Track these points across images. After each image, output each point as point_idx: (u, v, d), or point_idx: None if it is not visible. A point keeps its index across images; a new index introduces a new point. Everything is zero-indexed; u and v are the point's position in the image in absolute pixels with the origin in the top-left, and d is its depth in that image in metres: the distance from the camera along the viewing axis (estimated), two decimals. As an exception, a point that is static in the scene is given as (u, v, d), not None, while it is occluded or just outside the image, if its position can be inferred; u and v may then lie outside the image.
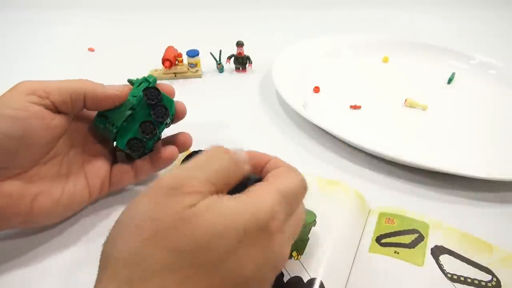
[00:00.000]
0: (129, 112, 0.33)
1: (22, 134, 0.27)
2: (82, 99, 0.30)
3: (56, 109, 0.29)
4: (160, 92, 0.34)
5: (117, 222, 0.21)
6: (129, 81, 0.35)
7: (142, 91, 0.34)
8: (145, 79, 0.35)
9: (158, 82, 0.36)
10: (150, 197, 0.21)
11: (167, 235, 0.19)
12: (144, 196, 0.21)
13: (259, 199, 0.21)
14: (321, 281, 0.28)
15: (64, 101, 0.29)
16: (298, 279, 0.28)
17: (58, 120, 0.29)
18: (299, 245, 0.31)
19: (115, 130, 0.33)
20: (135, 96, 0.34)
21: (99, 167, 0.34)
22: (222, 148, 0.24)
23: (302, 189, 0.25)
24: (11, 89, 0.28)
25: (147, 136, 0.34)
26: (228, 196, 0.21)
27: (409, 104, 0.54)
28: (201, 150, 0.33)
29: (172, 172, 0.22)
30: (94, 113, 0.34)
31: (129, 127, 0.34)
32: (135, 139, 0.34)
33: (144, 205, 0.20)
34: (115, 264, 0.19)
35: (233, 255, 0.20)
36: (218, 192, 0.22)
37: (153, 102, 0.34)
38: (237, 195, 0.22)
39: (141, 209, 0.20)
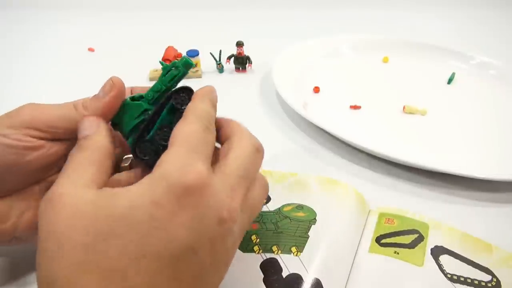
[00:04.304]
0: (136, 121, 0.28)
1: (15, 162, 0.25)
2: None
3: (57, 138, 0.27)
4: (191, 96, 0.29)
5: None
6: (161, 63, 0.30)
7: (172, 94, 0.28)
8: (174, 64, 0.28)
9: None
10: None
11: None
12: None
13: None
14: (320, 280, 0.28)
15: (67, 129, 0.27)
16: (297, 276, 0.28)
17: (56, 148, 0.27)
18: (299, 241, 0.31)
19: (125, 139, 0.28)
20: (153, 95, 0.28)
21: None
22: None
23: (253, 154, 0.26)
24: (12, 113, 0.26)
25: (164, 143, 0.26)
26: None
27: (408, 111, 0.53)
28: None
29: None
30: None
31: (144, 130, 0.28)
32: (147, 141, 0.27)
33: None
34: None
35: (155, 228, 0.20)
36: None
37: (182, 108, 0.28)
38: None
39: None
